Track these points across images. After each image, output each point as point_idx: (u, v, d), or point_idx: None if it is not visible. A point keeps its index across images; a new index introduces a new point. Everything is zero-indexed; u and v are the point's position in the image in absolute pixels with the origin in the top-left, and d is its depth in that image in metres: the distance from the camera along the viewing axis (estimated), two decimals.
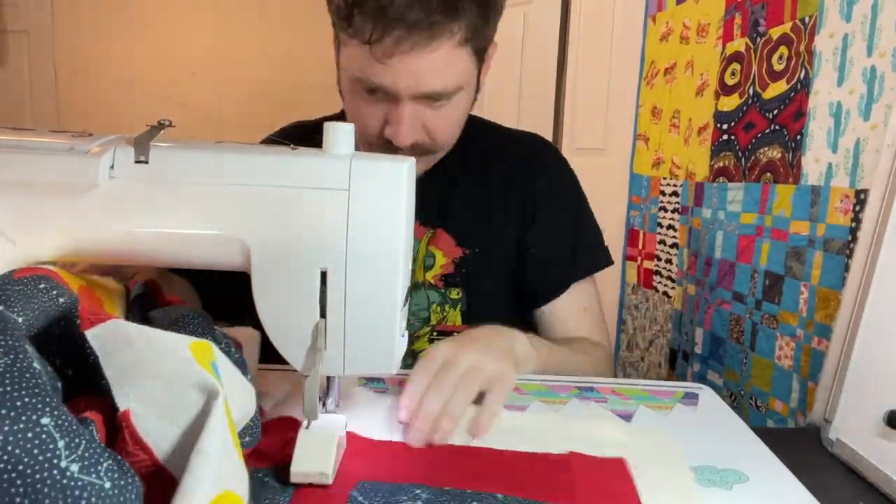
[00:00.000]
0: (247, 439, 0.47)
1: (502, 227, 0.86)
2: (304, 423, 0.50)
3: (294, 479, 0.47)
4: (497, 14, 0.73)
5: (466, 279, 0.84)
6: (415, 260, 0.84)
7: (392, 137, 0.72)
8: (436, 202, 0.85)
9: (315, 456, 0.47)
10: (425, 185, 0.83)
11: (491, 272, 0.86)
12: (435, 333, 0.85)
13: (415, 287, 0.84)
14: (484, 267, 0.85)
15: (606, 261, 0.92)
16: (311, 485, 0.47)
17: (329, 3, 0.70)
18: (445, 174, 0.85)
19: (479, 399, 0.61)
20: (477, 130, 0.89)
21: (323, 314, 0.49)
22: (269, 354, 0.59)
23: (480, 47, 0.73)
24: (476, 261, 0.85)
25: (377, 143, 0.75)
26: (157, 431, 0.36)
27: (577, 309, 0.89)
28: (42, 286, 0.41)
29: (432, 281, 0.84)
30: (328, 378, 0.53)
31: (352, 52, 0.70)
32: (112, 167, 0.47)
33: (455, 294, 0.85)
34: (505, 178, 0.87)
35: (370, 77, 0.70)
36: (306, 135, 0.89)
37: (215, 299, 0.89)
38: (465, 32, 0.68)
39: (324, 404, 0.53)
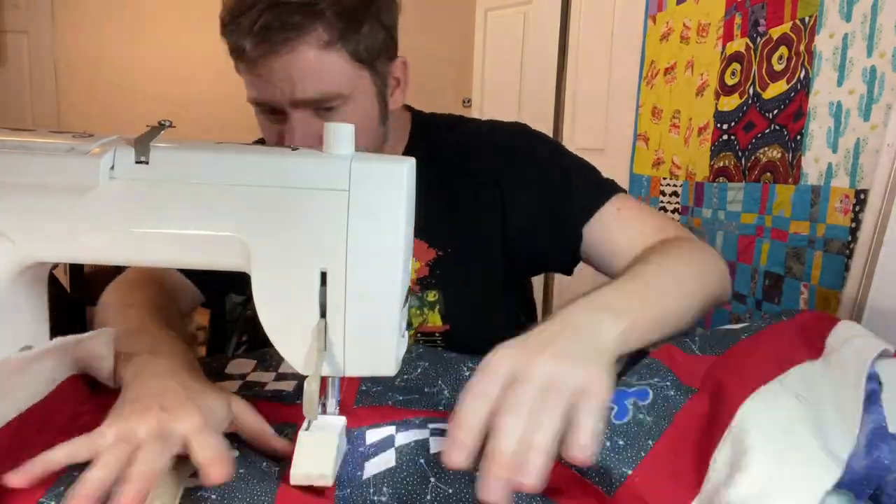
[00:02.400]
0: None
1: (474, 222, 0.85)
2: (304, 424, 0.50)
3: (294, 481, 0.46)
4: (377, 21, 0.72)
5: (441, 280, 0.84)
6: None
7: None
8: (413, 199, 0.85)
9: (315, 458, 0.47)
10: None
11: (465, 270, 0.85)
12: (419, 335, 0.85)
13: None
14: (457, 266, 0.84)
15: (615, 188, 0.83)
16: (311, 487, 0.47)
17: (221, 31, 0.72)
18: (414, 178, 0.85)
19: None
20: (441, 130, 0.88)
21: (323, 314, 0.49)
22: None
23: (360, 52, 0.71)
24: (448, 261, 0.84)
25: None
26: None
27: (620, 216, 0.79)
28: None
29: (409, 286, 0.84)
30: (328, 380, 0.53)
31: (243, 75, 0.73)
32: (112, 168, 0.47)
33: (432, 296, 0.84)
34: (471, 172, 0.85)
35: (255, 95, 0.72)
36: None
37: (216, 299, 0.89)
38: (329, 35, 0.68)
39: (324, 406, 0.53)
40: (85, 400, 0.55)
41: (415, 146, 0.86)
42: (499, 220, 0.85)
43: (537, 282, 2.32)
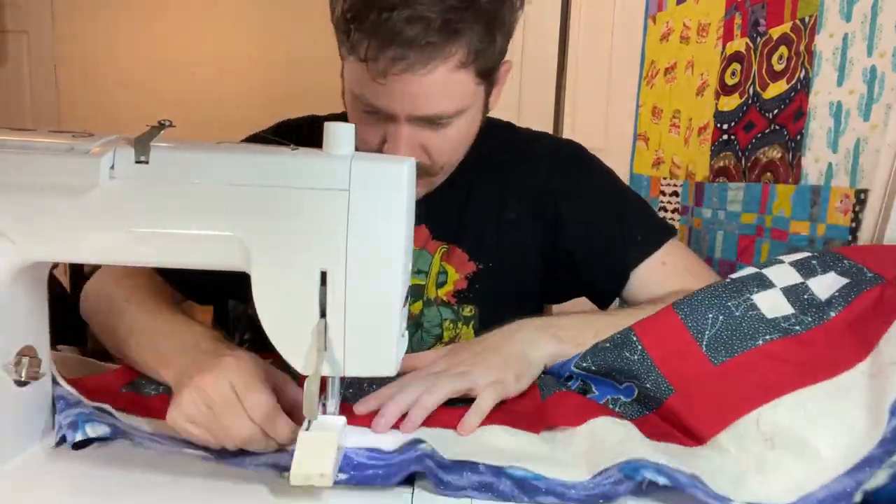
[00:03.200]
0: None
1: (518, 236, 0.82)
2: (304, 424, 0.50)
3: (294, 481, 0.46)
4: (505, 35, 0.70)
5: (479, 295, 0.81)
6: (427, 274, 0.82)
7: (388, 153, 0.70)
8: (450, 217, 0.82)
9: (315, 458, 0.47)
10: (441, 199, 0.80)
11: (505, 286, 0.82)
12: None
13: (426, 304, 0.82)
14: (497, 282, 0.81)
15: (668, 232, 0.82)
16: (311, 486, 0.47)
17: (332, 14, 0.68)
18: (461, 187, 0.82)
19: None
20: (493, 136, 0.84)
21: (323, 314, 0.49)
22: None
23: (486, 69, 0.69)
24: (489, 276, 0.81)
25: None
26: None
27: (664, 271, 0.78)
28: None
29: (445, 298, 0.81)
30: (328, 380, 0.53)
31: (351, 67, 0.69)
32: (112, 167, 0.47)
33: (468, 311, 0.81)
34: (520, 185, 0.82)
35: (367, 96, 0.68)
36: (291, 133, 0.87)
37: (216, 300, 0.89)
38: (466, 55, 0.65)
39: (324, 406, 0.53)
40: None
41: (482, 148, 0.81)
42: (549, 237, 0.82)
43: None
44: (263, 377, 0.54)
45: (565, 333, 0.67)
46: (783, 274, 0.63)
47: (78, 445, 0.53)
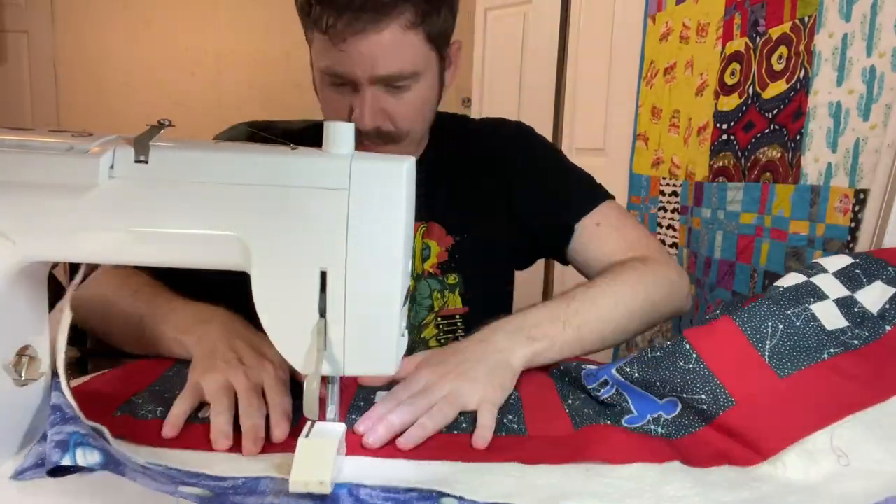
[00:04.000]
0: None
1: (486, 210, 0.91)
2: (304, 431, 0.50)
3: (293, 488, 0.46)
4: (449, 7, 0.78)
5: (460, 264, 0.89)
6: (413, 254, 0.87)
7: (356, 122, 0.76)
8: (424, 198, 0.88)
9: (314, 465, 0.47)
10: (416, 184, 0.87)
11: (482, 253, 0.90)
12: (439, 319, 0.89)
13: (416, 278, 0.89)
14: (475, 250, 0.90)
15: (606, 194, 0.91)
16: (309, 494, 0.47)
17: (296, 3, 0.77)
18: (430, 171, 0.89)
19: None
20: (453, 126, 0.95)
21: (323, 314, 0.48)
22: None
23: (434, 35, 0.77)
24: (465, 247, 0.89)
25: None
26: None
27: (599, 232, 0.86)
28: None
29: (431, 270, 0.89)
30: (328, 385, 0.52)
31: (317, 46, 0.77)
32: (112, 167, 0.47)
33: (452, 279, 0.90)
34: (484, 165, 0.91)
35: (332, 67, 0.76)
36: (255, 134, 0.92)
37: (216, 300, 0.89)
38: (414, 15, 0.73)
39: (323, 413, 0.52)
40: None
41: (445, 136, 0.93)
42: (505, 207, 0.91)
43: (538, 274, 2.32)
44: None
45: (537, 332, 0.70)
46: (831, 285, 0.62)
47: (54, 471, 0.46)
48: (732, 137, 1.15)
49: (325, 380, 0.51)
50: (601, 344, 0.74)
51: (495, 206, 0.91)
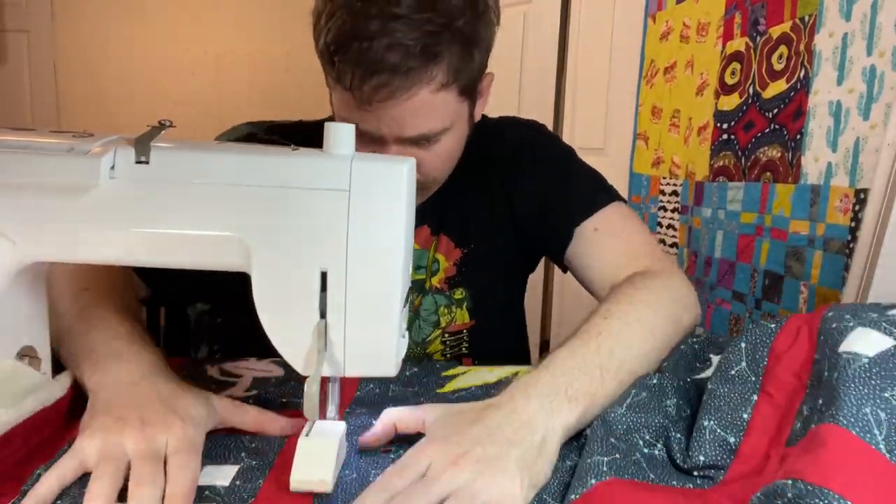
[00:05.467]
0: None
1: (490, 218, 0.87)
2: (304, 430, 0.50)
3: (294, 487, 0.46)
4: (483, 50, 0.72)
5: (468, 278, 0.86)
6: (425, 268, 0.86)
7: None
8: (437, 210, 0.87)
9: (315, 464, 0.47)
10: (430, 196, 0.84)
11: (490, 265, 0.87)
12: (446, 335, 0.86)
13: (423, 293, 0.86)
14: (482, 262, 0.86)
15: (612, 197, 0.83)
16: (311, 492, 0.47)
17: (316, 45, 0.70)
18: (444, 183, 0.86)
19: None
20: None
21: (323, 314, 0.49)
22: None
23: (467, 85, 0.72)
24: (474, 258, 0.86)
25: None
26: None
27: (597, 238, 0.79)
28: None
29: (438, 285, 0.86)
30: (328, 384, 0.53)
31: (338, 95, 0.71)
32: (112, 167, 0.47)
33: (459, 294, 0.86)
34: (489, 173, 0.88)
35: (355, 121, 0.68)
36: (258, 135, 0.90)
37: (218, 300, 0.89)
38: (446, 76, 0.67)
39: (324, 412, 0.52)
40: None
41: None
42: (509, 214, 0.86)
43: (538, 274, 2.32)
44: (199, 447, 0.50)
45: (575, 390, 0.54)
46: None
47: None
48: (733, 137, 1.15)
49: (325, 380, 0.51)
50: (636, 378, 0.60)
51: (499, 214, 0.87)
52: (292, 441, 0.52)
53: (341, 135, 0.49)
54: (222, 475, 0.49)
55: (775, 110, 1.02)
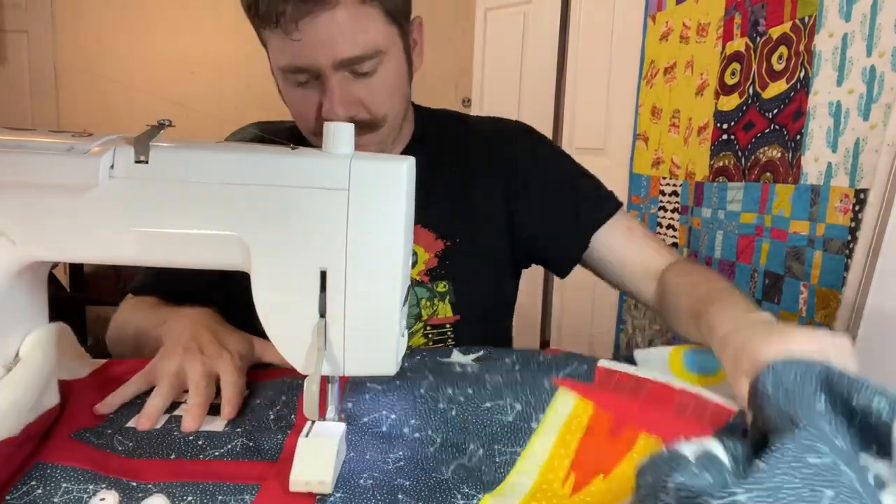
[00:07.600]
0: None
1: (481, 212, 0.86)
2: (304, 430, 0.50)
3: (293, 487, 0.46)
4: None
5: (451, 270, 0.85)
6: None
7: (328, 115, 0.73)
8: (416, 202, 0.87)
9: (315, 464, 0.47)
10: None
11: (475, 260, 0.86)
12: (428, 328, 0.85)
13: None
14: (468, 256, 0.85)
15: (615, 205, 0.88)
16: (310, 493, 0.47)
17: (243, 5, 0.74)
18: (421, 168, 0.86)
19: None
20: (448, 122, 0.91)
21: (323, 314, 0.49)
22: None
23: (391, 8, 0.73)
24: (458, 251, 0.85)
25: (320, 130, 0.75)
26: None
27: (626, 238, 0.85)
28: None
29: (418, 277, 0.85)
30: (328, 385, 0.52)
31: (272, 45, 0.74)
32: (112, 167, 0.47)
33: (442, 287, 0.85)
34: (484, 164, 0.87)
35: (292, 61, 0.72)
36: (264, 135, 0.89)
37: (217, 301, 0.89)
38: None
39: (323, 413, 0.52)
40: None
41: (420, 137, 0.88)
42: (504, 211, 0.87)
43: (538, 280, 2.32)
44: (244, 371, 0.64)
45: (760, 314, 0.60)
46: None
47: None
48: (732, 137, 1.15)
49: (324, 379, 0.51)
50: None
51: (494, 208, 0.87)
52: (292, 441, 0.52)
53: (341, 134, 0.49)
54: None
55: (775, 111, 1.03)
